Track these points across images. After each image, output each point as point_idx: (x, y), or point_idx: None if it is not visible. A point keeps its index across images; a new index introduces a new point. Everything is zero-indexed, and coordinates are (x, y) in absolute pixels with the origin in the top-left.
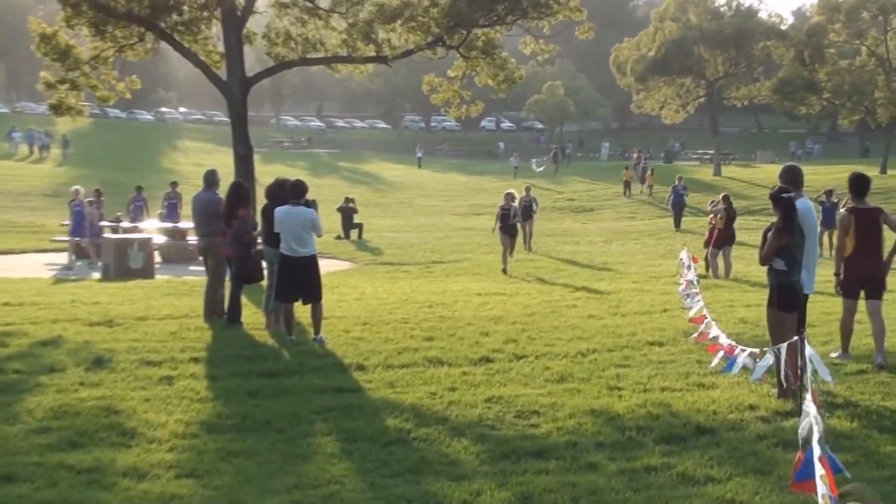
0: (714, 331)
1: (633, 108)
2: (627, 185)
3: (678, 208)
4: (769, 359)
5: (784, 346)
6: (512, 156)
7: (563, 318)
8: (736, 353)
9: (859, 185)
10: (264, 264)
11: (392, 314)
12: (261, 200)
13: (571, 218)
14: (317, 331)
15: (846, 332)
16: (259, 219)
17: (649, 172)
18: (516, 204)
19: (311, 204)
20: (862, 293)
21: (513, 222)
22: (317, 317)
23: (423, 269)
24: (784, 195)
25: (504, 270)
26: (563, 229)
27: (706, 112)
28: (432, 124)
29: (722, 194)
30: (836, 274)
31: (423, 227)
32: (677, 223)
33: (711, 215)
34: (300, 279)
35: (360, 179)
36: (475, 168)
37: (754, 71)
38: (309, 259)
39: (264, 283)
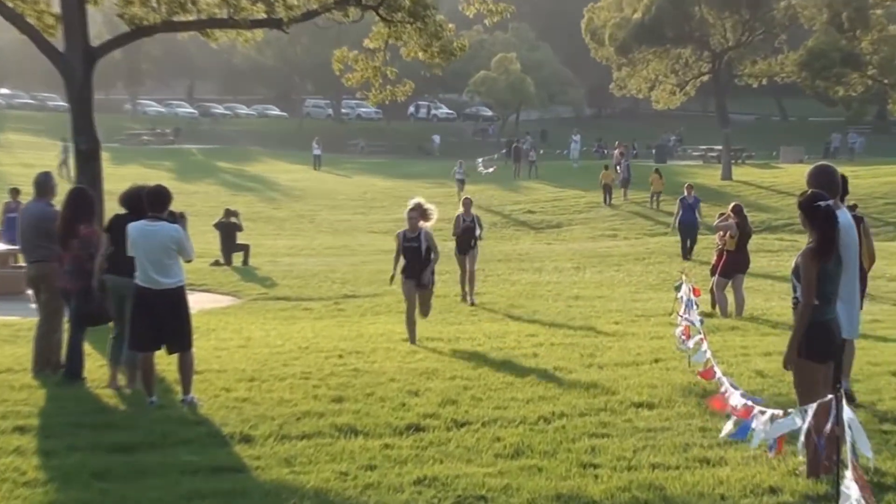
0: (725, 384)
1: (613, 89)
2: (608, 190)
3: (689, 230)
4: (795, 424)
5: (814, 406)
6: (456, 165)
7: (520, 371)
8: (752, 416)
9: None
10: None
11: (288, 367)
12: (111, 212)
13: (531, 236)
14: (186, 389)
15: None
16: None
17: (654, 175)
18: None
19: (177, 218)
20: None
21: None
22: (186, 371)
23: (330, 307)
24: (820, 203)
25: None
26: (520, 251)
27: (711, 95)
28: (344, 111)
29: (732, 205)
30: None
31: (330, 250)
32: (687, 250)
33: (719, 233)
34: (162, 320)
35: (245, 185)
36: (401, 169)
37: (775, 39)
38: (173, 293)
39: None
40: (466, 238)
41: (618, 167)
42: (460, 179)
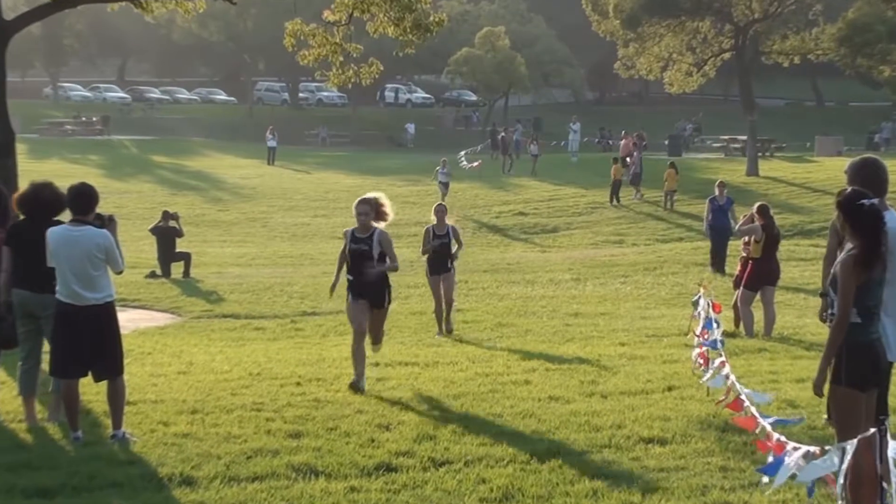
0: (753, 412)
1: (618, 69)
2: (616, 187)
3: (720, 236)
4: (833, 461)
5: (855, 441)
6: (439, 165)
7: (509, 400)
8: (785, 452)
9: None
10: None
11: (237, 396)
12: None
13: (523, 242)
14: (116, 423)
15: None
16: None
17: (670, 169)
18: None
19: (105, 223)
20: None
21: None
22: (116, 401)
23: (286, 326)
24: (864, 203)
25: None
26: (509, 260)
27: (734, 76)
28: (302, 96)
29: (757, 204)
30: None
31: (286, 259)
32: (719, 262)
33: (744, 240)
34: (87, 341)
35: (186, 183)
36: (370, 164)
37: (809, 10)
38: (100, 309)
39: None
40: (440, 257)
41: (628, 160)
42: (444, 182)
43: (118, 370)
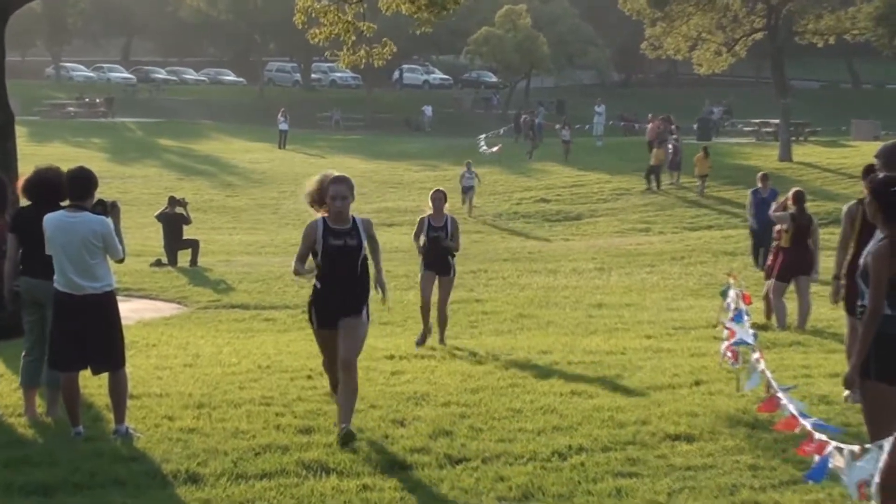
0: (793, 410)
1: (645, 49)
2: (655, 172)
3: (763, 232)
4: (875, 461)
5: (890, 441)
6: (464, 166)
7: (529, 395)
8: (827, 452)
9: None
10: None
11: (245, 390)
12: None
13: (545, 229)
14: (119, 418)
15: None
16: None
17: (700, 154)
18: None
19: (108, 209)
20: None
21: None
22: (118, 395)
23: (297, 316)
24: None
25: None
26: (531, 249)
27: (766, 56)
28: (315, 77)
29: (793, 191)
30: None
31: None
32: (760, 256)
33: (777, 227)
34: (86, 333)
35: (194, 168)
36: (385, 148)
37: None
38: (98, 299)
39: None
40: (437, 253)
41: (670, 147)
42: (468, 186)
43: (119, 362)
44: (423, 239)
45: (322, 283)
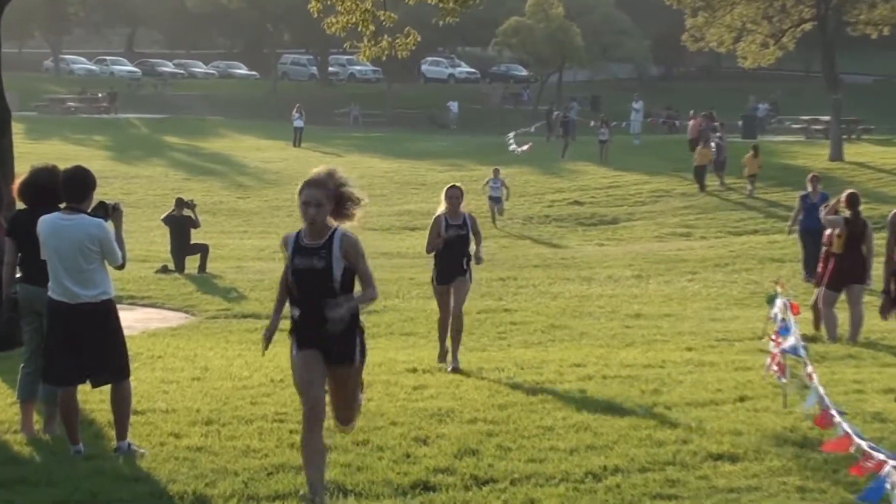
0: (847, 429)
1: (686, 41)
2: (701, 174)
3: (813, 238)
4: None
5: None
6: (491, 173)
7: (562, 412)
8: (885, 471)
9: None
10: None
11: (257, 406)
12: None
13: (579, 234)
14: (121, 434)
15: None
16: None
17: (750, 153)
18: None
19: (108, 211)
20: None
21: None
22: (121, 409)
23: None
24: None
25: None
26: (563, 255)
27: (816, 49)
28: (332, 70)
29: (846, 193)
30: None
31: None
32: (813, 268)
33: (827, 232)
34: (82, 345)
35: (202, 167)
36: (408, 146)
37: None
38: (95, 309)
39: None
40: (452, 257)
41: (713, 145)
42: (495, 197)
43: (122, 374)
44: (440, 239)
45: (297, 313)
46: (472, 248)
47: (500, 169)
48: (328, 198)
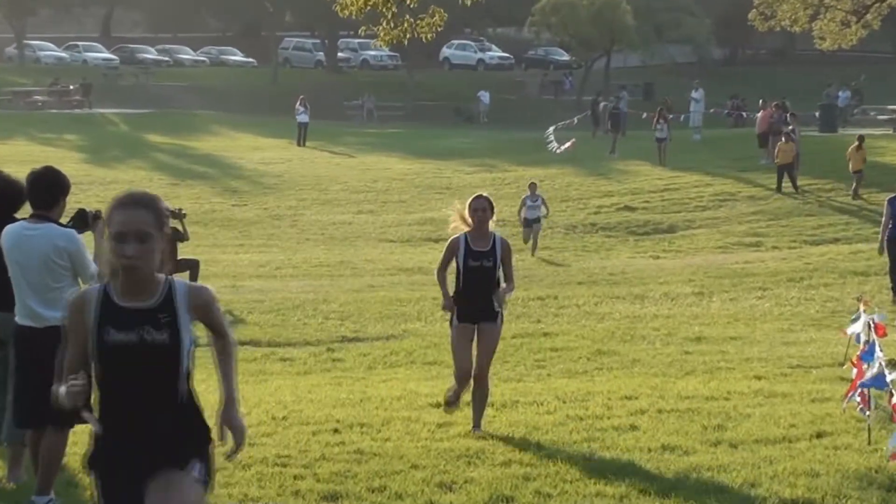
0: None
1: (754, 19)
2: (786, 171)
3: None
4: None
5: None
6: (528, 190)
7: (610, 452)
8: None
9: None
10: None
11: (257, 447)
12: None
13: (630, 245)
14: (43, 486)
15: None
16: None
17: (855, 145)
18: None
19: (89, 220)
20: None
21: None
22: (50, 457)
23: (321, 356)
24: None
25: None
26: (612, 269)
27: None
28: (341, 56)
29: None
30: None
31: (322, 269)
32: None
33: None
34: (48, 375)
35: (191, 170)
36: (430, 144)
37: None
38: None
39: None
40: (475, 294)
41: (792, 135)
42: (533, 219)
43: (71, 419)
44: (455, 271)
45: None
46: (500, 280)
47: (537, 183)
48: (159, 228)
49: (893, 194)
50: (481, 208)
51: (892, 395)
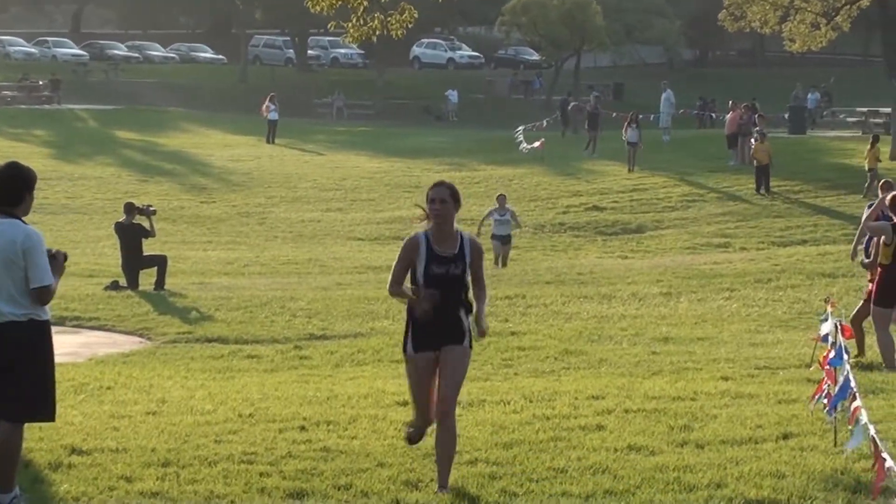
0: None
1: (724, 20)
2: (762, 174)
3: None
4: None
5: None
6: (497, 201)
7: (576, 451)
8: None
9: None
10: None
11: (223, 444)
12: None
13: (598, 245)
14: (4, 484)
15: None
16: None
17: (871, 147)
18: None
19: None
20: None
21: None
22: (6, 456)
23: (288, 353)
24: None
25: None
26: (580, 269)
27: (875, 29)
28: (311, 54)
29: (890, 194)
30: None
31: (289, 266)
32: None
33: (874, 240)
34: (5, 373)
35: (160, 167)
36: (399, 142)
37: None
38: (20, 329)
39: None
40: (441, 310)
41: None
42: (503, 235)
43: (26, 414)
44: (412, 284)
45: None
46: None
47: (506, 195)
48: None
49: (870, 201)
50: (440, 198)
51: (854, 398)
